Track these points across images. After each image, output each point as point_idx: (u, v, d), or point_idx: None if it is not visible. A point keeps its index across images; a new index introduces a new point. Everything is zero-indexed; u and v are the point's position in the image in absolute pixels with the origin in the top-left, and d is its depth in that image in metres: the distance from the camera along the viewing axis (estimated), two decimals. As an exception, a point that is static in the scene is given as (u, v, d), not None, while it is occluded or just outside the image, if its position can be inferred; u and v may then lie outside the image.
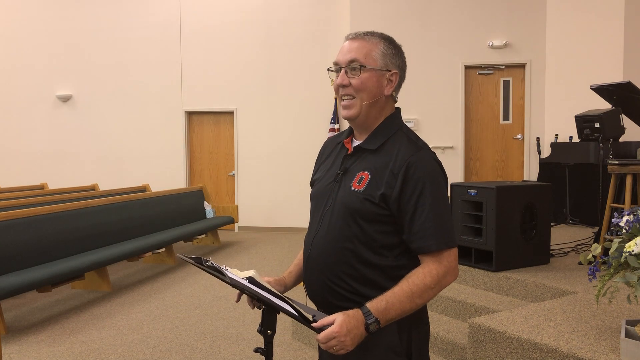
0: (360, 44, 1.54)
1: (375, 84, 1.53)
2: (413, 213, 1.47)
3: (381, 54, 1.54)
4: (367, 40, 1.55)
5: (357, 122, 1.59)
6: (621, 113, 5.29)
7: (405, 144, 1.53)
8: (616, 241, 2.26)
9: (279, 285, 1.67)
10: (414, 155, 1.49)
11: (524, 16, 8.37)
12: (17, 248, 4.74)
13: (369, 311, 1.41)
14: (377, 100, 1.55)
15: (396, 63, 1.56)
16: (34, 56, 10.39)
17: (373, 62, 1.53)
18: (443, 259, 1.47)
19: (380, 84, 1.54)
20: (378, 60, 1.54)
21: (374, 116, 1.58)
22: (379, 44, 1.55)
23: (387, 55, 1.55)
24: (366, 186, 1.51)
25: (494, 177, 8.64)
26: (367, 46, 1.54)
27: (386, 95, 1.56)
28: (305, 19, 9.42)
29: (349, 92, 1.55)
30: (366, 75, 1.53)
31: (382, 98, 1.56)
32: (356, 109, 1.55)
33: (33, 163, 10.45)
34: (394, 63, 1.56)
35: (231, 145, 9.93)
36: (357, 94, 1.54)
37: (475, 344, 2.89)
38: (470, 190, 4.03)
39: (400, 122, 1.61)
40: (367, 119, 1.57)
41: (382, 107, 1.58)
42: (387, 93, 1.56)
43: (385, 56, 1.54)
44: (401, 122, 1.62)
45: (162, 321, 4.63)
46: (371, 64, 1.53)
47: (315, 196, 1.67)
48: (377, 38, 1.56)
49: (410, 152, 1.50)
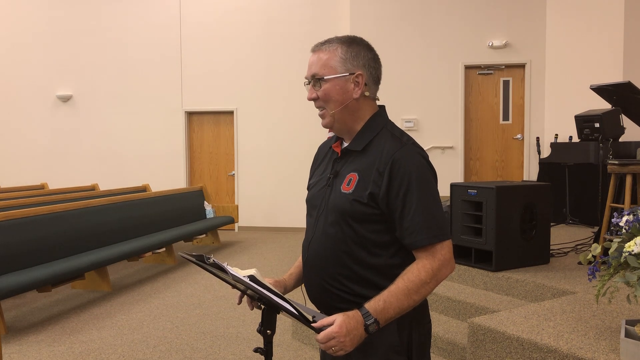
0: (318, 55, 1.57)
1: (339, 91, 1.55)
2: (402, 209, 1.48)
3: (340, 59, 1.55)
4: (324, 51, 1.57)
5: (335, 129, 1.62)
6: (621, 113, 5.30)
7: (390, 141, 1.54)
8: (616, 241, 2.26)
9: (279, 287, 1.68)
10: (398, 151, 1.50)
11: (524, 16, 8.37)
12: (17, 248, 4.74)
13: (368, 312, 1.41)
14: (347, 105, 1.56)
15: (359, 63, 1.56)
16: (34, 56, 10.39)
17: (332, 71, 1.55)
18: (436, 253, 1.47)
19: (346, 89, 1.55)
20: (337, 67, 1.55)
21: (350, 120, 1.59)
22: (337, 49, 1.56)
23: (346, 59, 1.55)
24: (355, 187, 1.52)
25: (493, 177, 8.64)
26: (325, 56, 1.56)
27: (356, 98, 1.56)
28: (305, 19, 9.42)
29: (319, 104, 1.60)
30: (328, 85, 1.55)
31: (353, 102, 1.56)
32: (328, 118, 1.59)
33: (33, 163, 10.44)
34: (356, 64, 1.55)
35: (231, 145, 9.93)
36: (326, 104, 1.58)
37: (475, 344, 2.89)
38: (470, 190, 4.04)
39: (385, 120, 1.62)
40: (343, 125, 1.60)
41: (357, 110, 1.58)
42: (355, 96, 1.56)
43: (345, 61, 1.55)
44: (385, 120, 1.62)
45: (162, 321, 4.63)
46: (330, 73, 1.55)
47: (310, 200, 1.69)
48: (335, 44, 1.57)
49: (395, 149, 1.51)
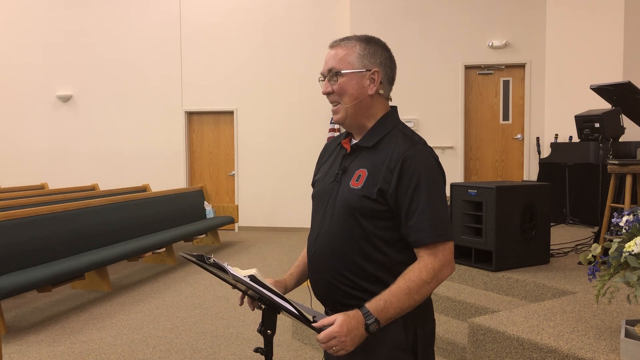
0: (336, 51, 1.60)
1: (355, 86, 1.57)
2: (409, 206, 1.49)
3: (357, 56, 1.57)
4: (342, 46, 1.59)
5: (347, 124, 1.63)
6: (621, 113, 5.29)
7: (401, 140, 1.56)
8: (616, 241, 2.26)
9: (279, 287, 1.68)
10: (410, 149, 1.52)
11: (524, 16, 8.37)
12: (17, 248, 4.74)
13: (368, 311, 1.41)
14: (361, 101, 1.58)
15: (376, 61, 1.58)
16: (34, 56, 10.39)
17: (349, 66, 1.57)
18: (438, 253, 1.48)
19: (361, 85, 1.57)
20: (355, 62, 1.57)
21: (363, 116, 1.60)
22: (355, 46, 1.58)
23: (364, 56, 1.57)
24: (364, 183, 1.53)
25: (493, 177, 8.64)
26: (343, 52, 1.58)
27: (370, 95, 1.58)
28: (305, 19, 9.42)
29: (333, 98, 1.61)
30: (344, 79, 1.57)
31: (367, 98, 1.58)
32: (342, 112, 1.60)
33: (33, 163, 10.45)
34: (373, 62, 1.58)
35: (231, 145, 9.93)
36: (340, 98, 1.59)
37: (475, 344, 2.89)
38: (470, 190, 4.03)
39: (396, 120, 1.63)
40: (355, 120, 1.61)
41: (370, 107, 1.60)
42: (370, 92, 1.58)
43: (363, 57, 1.57)
44: (397, 119, 1.64)
45: (162, 321, 4.63)
46: (347, 67, 1.57)
47: (317, 196, 1.69)
48: (353, 41, 1.59)
49: (406, 147, 1.53)
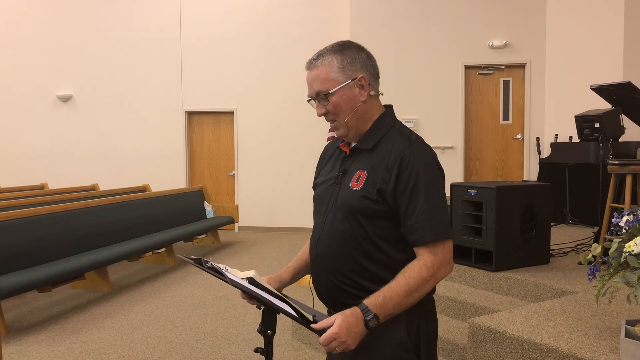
0: (315, 72, 1.57)
1: (347, 100, 1.56)
2: (407, 206, 1.49)
3: (338, 69, 1.55)
4: (320, 66, 1.57)
5: (350, 137, 1.63)
6: (621, 113, 5.29)
7: (399, 139, 1.56)
8: (616, 241, 2.26)
9: (275, 282, 1.69)
10: (407, 149, 1.52)
11: (524, 16, 8.36)
12: (17, 248, 4.74)
13: (367, 307, 1.42)
14: (357, 110, 1.57)
15: (357, 67, 1.57)
16: (34, 56, 10.39)
17: (335, 83, 1.55)
18: (438, 251, 1.49)
19: (352, 96, 1.56)
20: (339, 77, 1.55)
21: (362, 123, 1.60)
22: (332, 61, 1.55)
23: (344, 67, 1.55)
24: (364, 184, 1.54)
25: (493, 177, 8.64)
26: (323, 71, 1.56)
27: (363, 101, 1.58)
28: (305, 19, 9.42)
29: (330, 117, 1.61)
30: (335, 98, 1.56)
31: (361, 105, 1.58)
32: (342, 128, 1.60)
33: (33, 163, 10.45)
34: (355, 69, 1.56)
35: (231, 145, 9.93)
36: (337, 116, 1.58)
37: (475, 344, 2.89)
38: (470, 190, 4.03)
39: (393, 120, 1.64)
40: (357, 130, 1.61)
41: (366, 112, 1.60)
42: (363, 99, 1.57)
43: (344, 69, 1.55)
44: (394, 119, 1.64)
45: (162, 321, 4.63)
46: (334, 85, 1.55)
47: (318, 198, 1.70)
48: (328, 56, 1.56)
49: (404, 147, 1.53)
